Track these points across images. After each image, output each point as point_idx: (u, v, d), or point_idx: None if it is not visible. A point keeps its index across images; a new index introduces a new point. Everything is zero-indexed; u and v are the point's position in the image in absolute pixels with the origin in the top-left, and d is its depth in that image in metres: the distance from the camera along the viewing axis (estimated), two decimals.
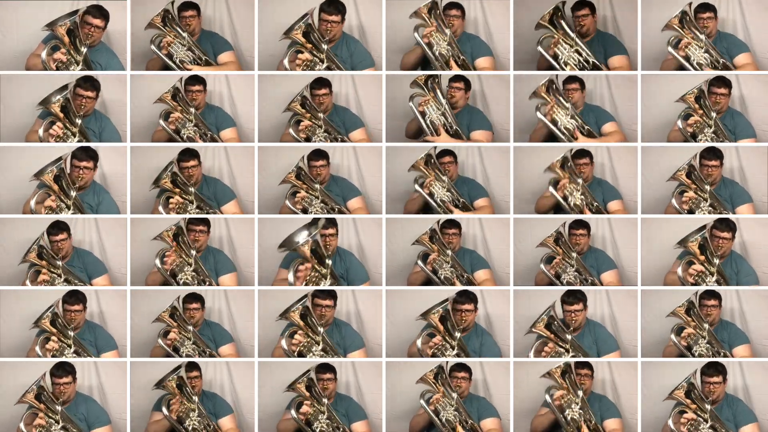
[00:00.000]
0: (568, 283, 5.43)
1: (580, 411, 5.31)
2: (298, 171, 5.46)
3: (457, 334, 5.38)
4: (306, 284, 5.38)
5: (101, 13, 5.42)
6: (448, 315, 5.38)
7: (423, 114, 5.46)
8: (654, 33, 5.50)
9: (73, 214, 5.41)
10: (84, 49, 5.42)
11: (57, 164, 5.36)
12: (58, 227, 5.36)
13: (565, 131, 5.46)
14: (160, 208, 5.44)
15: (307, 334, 5.38)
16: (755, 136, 5.48)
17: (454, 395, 5.33)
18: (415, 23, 5.47)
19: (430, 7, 5.44)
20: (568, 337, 5.38)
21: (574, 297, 5.38)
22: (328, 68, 5.47)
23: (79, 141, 5.42)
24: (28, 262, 5.36)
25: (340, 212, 5.48)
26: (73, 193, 5.41)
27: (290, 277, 5.38)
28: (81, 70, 5.43)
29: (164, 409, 5.30)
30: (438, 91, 5.46)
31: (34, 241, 5.36)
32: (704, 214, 5.43)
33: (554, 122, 5.46)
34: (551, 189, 5.44)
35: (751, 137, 5.47)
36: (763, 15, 5.53)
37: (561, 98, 5.45)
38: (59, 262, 5.38)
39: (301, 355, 5.36)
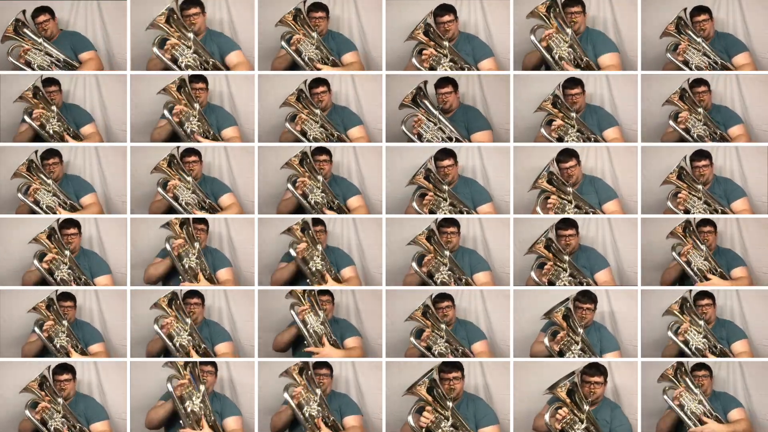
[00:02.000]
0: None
1: (585, 430, 5.30)
2: (303, 157, 5.46)
3: (580, 330, 5.35)
4: None
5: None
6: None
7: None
8: (654, 33, 5.50)
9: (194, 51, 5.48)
10: (191, 35, 5.48)
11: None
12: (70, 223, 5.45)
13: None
14: (159, 189, 5.44)
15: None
16: (743, 122, 5.49)
17: (449, 403, 5.29)
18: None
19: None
20: (580, 330, 5.38)
21: (587, 297, 5.38)
22: (196, 53, 5.49)
23: (195, 52, 5.48)
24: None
25: (340, 208, 5.49)
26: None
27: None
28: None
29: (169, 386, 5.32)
30: (429, 105, 5.46)
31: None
32: (699, 212, 5.44)
33: (560, 140, 5.47)
34: (538, 209, 5.44)
35: (739, 123, 5.48)
36: (763, 15, 5.54)
37: (566, 106, 5.46)
38: (67, 252, 5.45)
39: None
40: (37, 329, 5.37)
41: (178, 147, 5.46)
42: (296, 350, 5.45)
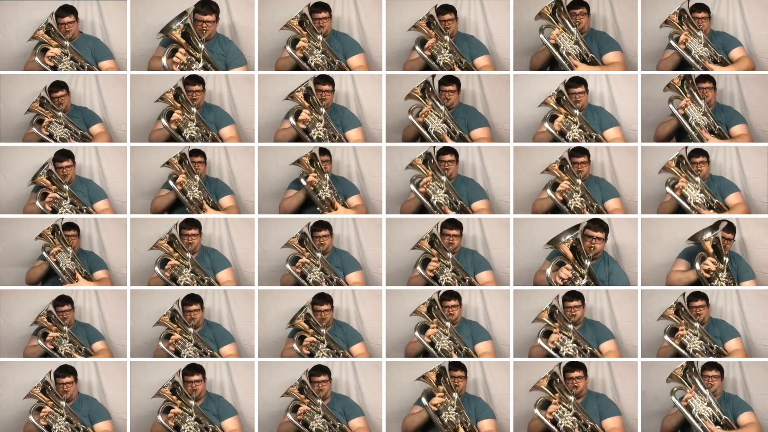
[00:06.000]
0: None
1: (574, 418, 5.30)
2: (312, 157, 5.47)
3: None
4: None
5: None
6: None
7: (425, 125, 5.46)
8: (654, 32, 5.50)
9: (203, 66, 5.45)
10: (202, 46, 5.45)
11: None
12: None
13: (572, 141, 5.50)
14: (170, 182, 5.45)
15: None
16: (746, 122, 5.49)
17: (455, 395, 5.33)
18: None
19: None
20: (570, 326, 5.40)
21: (573, 295, 5.40)
22: (204, 68, 5.48)
23: (204, 67, 5.45)
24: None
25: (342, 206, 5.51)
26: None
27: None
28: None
29: (160, 417, 5.32)
30: (435, 100, 5.46)
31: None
32: (696, 201, 5.45)
33: (562, 134, 5.48)
34: (549, 192, 5.44)
35: (742, 123, 5.48)
36: (763, 15, 5.54)
37: (570, 103, 5.47)
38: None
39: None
40: (40, 341, 5.39)
41: (186, 147, 5.48)
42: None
